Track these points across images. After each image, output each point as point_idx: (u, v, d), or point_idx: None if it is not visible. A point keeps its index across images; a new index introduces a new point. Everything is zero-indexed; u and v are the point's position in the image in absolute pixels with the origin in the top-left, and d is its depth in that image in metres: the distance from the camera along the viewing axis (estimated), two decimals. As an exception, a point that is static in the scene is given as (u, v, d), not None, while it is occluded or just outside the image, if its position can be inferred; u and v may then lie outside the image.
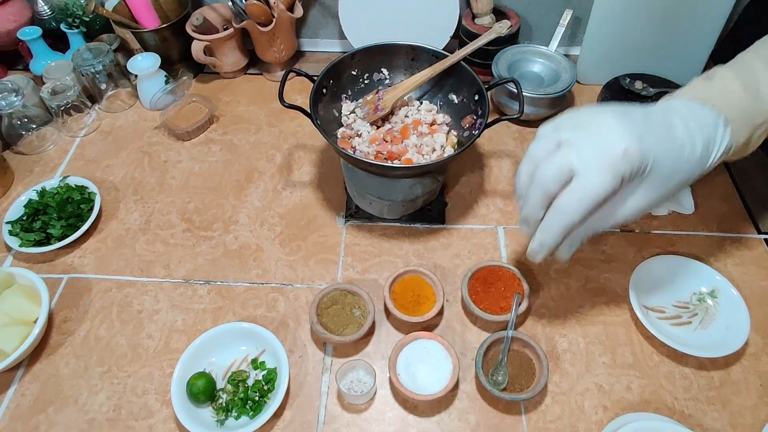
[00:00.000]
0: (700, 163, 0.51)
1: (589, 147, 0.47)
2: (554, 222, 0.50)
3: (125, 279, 0.76)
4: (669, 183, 0.51)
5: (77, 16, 0.95)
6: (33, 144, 0.92)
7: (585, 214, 0.48)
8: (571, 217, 0.48)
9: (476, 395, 0.64)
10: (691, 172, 0.51)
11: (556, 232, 0.50)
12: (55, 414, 0.64)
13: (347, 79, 0.80)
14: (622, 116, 0.48)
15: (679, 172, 0.50)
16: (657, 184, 0.50)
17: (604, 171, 0.46)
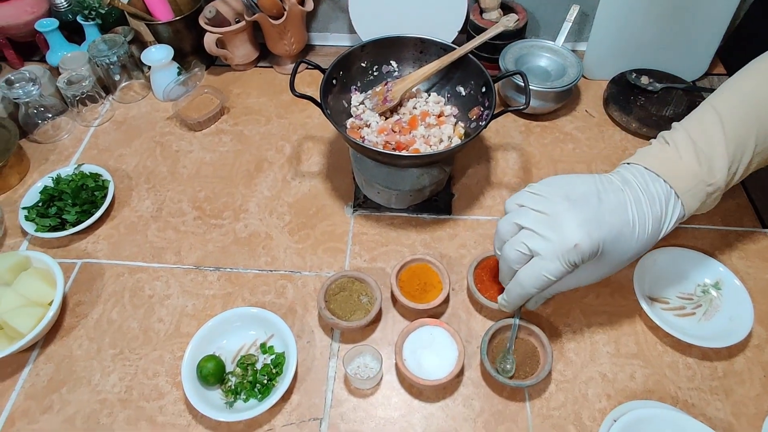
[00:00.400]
0: (652, 237, 0.57)
1: (545, 236, 0.54)
2: (515, 290, 0.59)
3: (137, 264, 0.77)
4: (621, 259, 0.58)
5: (93, 8, 0.97)
6: (48, 133, 0.94)
7: (540, 288, 0.57)
8: (528, 290, 0.57)
9: (481, 382, 0.65)
10: (644, 247, 0.58)
11: (516, 298, 0.60)
12: (69, 393, 0.66)
13: (357, 70, 0.81)
14: (577, 208, 0.54)
15: (630, 250, 0.57)
16: (609, 262, 0.58)
17: (557, 259, 0.54)
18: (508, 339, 0.66)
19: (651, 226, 0.56)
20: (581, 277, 0.59)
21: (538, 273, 0.55)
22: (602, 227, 0.54)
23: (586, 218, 0.54)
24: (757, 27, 0.94)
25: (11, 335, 0.67)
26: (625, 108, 0.90)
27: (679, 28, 0.91)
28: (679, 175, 0.57)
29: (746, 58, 0.65)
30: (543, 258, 0.55)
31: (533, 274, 0.56)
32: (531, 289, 0.57)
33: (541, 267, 0.55)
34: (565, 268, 0.54)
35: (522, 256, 0.56)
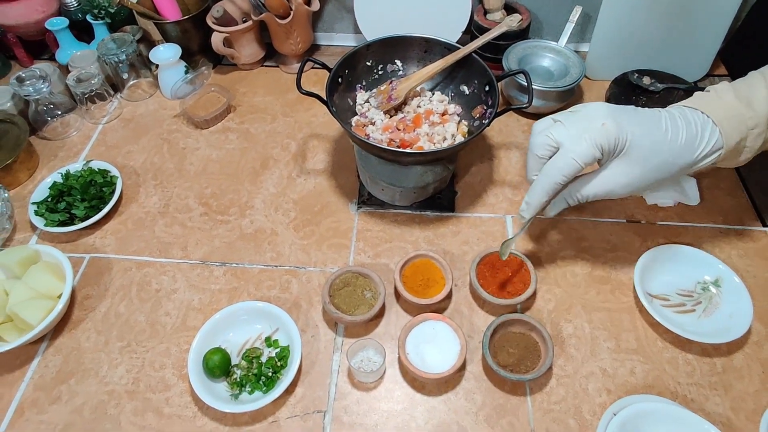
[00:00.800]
0: (684, 151, 0.57)
1: (574, 124, 0.56)
2: (540, 183, 0.58)
3: (144, 259, 0.79)
4: (648, 162, 0.56)
5: (103, 8, 0.99)
6: (57, 130, 0.96)
7: (567, 177, 0.56)
8: (554, 179, 0.56)
9: (483, 376, 0.66)
10: (674, 158, 0.57)
11: (540, 192, 0.58)
12: (77, 385, 0.67)
13: (362, 69, 0.82)
14: (610, 105, 0.56)
15: (659, 153, 0.56)
16: (637, 160, 0.56)
17: (584, 141, 0.54)
18: (509, 334, 0.67)
19: (684, 137, 0.56)
20: (611, 179, 0.58)
21: (566, 157, 0.55)
22: (632, 119, 0.55)
23: (616, 109, 0.56)
24: (758, 28, 0.95)
25: (21, 327, 0.68)
26: (627, 107, 0.91)
27: (680, 30, 0.92)
28: (717, 108, 0.58)
29: (748, 60, 0.66)
30: (571, 142, 0.55)
31: (561, 160, 0.56)
32: (557, 177, 0.56)
33: (569, 150, 0.55)
34: (592, 150, 0.54)
35: (549, 141, 0.57)
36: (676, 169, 0.57)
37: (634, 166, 0.57)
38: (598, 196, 0.59)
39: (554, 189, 0.58)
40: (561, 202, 0.61)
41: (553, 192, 0.58)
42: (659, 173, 0.57)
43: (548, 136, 0.57)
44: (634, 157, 0.56)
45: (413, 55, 0.83)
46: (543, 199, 0.59)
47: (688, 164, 0.57)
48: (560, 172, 0.56)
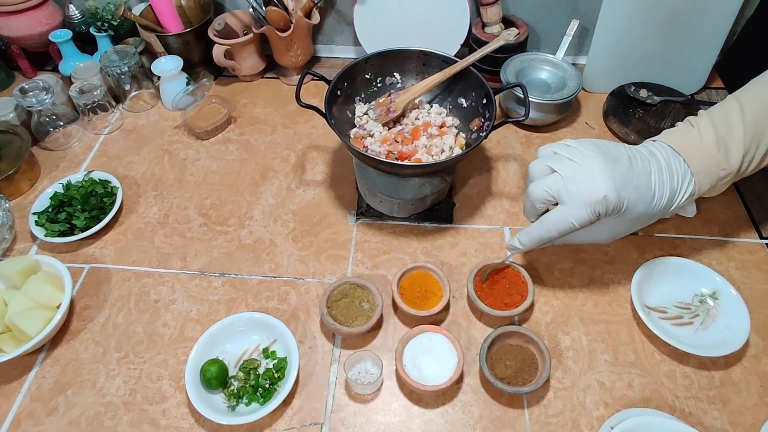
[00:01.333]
0: (665, 208, 0.62)
1: (576, 184, 0.58)
2: (536, 231, 0.62)
3: (143, 270, 0.79)
4: (636, 222, 0.63)
5: (106, 20, 1.00)
6: (59, 141, 0.96)
7: (562, 234, 0.60)
8: (550, 233, 0.61)
9: (480, 388, 0.66)
10: (656, 215, 0.63)
11: (535, 239, 0.63)
12: (74, 396, 0.67)
13: (361, 82, 0.83)
14: (609, 164, 0.58)
15: (645, 215, 0.62)
16: (626, 221, 0.62)
17: (584, 207, 0.57)
18: (507, 346, 0.67)
19: (667, 197, 0.61)
20: (597, 230, 0.63)
21: (565, 218, 0.58)
22: (628, 187, 0.58)
23: (616, 175, 0.57)
24: (754, 41, 0.96)
25: (19, 337, 0.68)
26: (624, 120, 0.92)
27: (677, 43, 0.93)
28: (697, 156, 0.61)
29: (743, 73, 0.67)
30: (570, 205, 0.58)
31: (559, 219, 0.59)
32: (554, 233, 0.60)
33: (568, 213, 0.58)
34: (590, 216, 0.57)
35: (547, 197, 0.59)
36: (654, 220, 0.65)
37: (623, 224, 0.63)
38: (583, 243, 0.67)
39: (549, 240, 0.62)
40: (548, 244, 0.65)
41: (546, 242, 0.63)
42: (640, 225, 0.65)
43: (547, 191, 0.59)
44: (626, 219, 0.61)
45: (411, 68, 0.83)
46: (535, 245, 0.64)
47: (666, 211, 0.63)
48: (557, 229, 0.60)
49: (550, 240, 0.62)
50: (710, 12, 0.88)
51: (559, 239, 0.63)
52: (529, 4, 1.01)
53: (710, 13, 0.88)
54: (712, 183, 0.62)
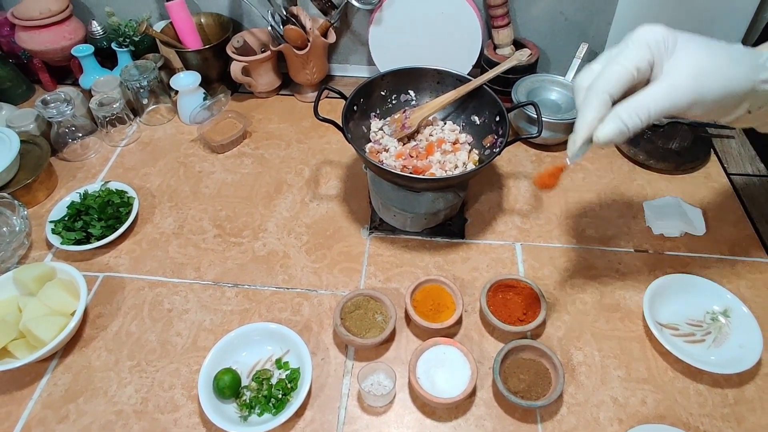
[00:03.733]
0: (746, 54, 0.49)
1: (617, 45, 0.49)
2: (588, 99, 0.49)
3: (157, 279, 0.79)
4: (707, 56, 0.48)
5: (128, 36, 1.03)
6: (77, 152, 0.98)
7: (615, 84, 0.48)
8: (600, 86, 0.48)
9: (493, 402, 0.65)
10: (736, 58, 0.48)
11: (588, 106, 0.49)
12: (85, 404, 0.66)
13: (377, 98, 0.85)
14: None
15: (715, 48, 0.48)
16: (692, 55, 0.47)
17: (629, 43, 0.48)
18: (520, 360, 0.67)
19: (740, 46, 0.50)
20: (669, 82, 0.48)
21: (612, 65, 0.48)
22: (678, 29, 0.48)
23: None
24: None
25: (33, 343, 0.68)
26: (633, 141, 0.93)
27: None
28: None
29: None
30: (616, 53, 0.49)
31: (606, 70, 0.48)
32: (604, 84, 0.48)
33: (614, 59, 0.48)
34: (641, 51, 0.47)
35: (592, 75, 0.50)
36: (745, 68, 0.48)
37: (691, 56, 0.48)
38: (657, 102, 0.48)
39: (600, 101, 0.48)
40: (613, 121, 0.48)
41: (600, 105, 0.48)
42: (727, 68, 0.48)
43: (589, 68, 0.51)
44: (692, 47, 0.48)
45: (426, 86, 0.86)
46: (590, 115, 0.49)
47: (754, 66, 0.49)
48: (605, 80, 0.48)
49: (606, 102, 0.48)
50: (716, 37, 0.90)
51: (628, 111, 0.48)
52: (539, 28, 1.04)
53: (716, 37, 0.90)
54: None
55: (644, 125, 0.48)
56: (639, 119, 0.48)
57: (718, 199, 0.88)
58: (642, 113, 0.47)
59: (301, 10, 1.01)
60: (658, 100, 0.47)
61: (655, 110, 0.47)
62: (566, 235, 0.83)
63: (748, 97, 0.50)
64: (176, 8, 0.99)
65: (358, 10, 1.04)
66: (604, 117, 0.49)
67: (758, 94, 0.50)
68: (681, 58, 0.48)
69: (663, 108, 0.48)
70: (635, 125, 0.48)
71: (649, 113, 0.47)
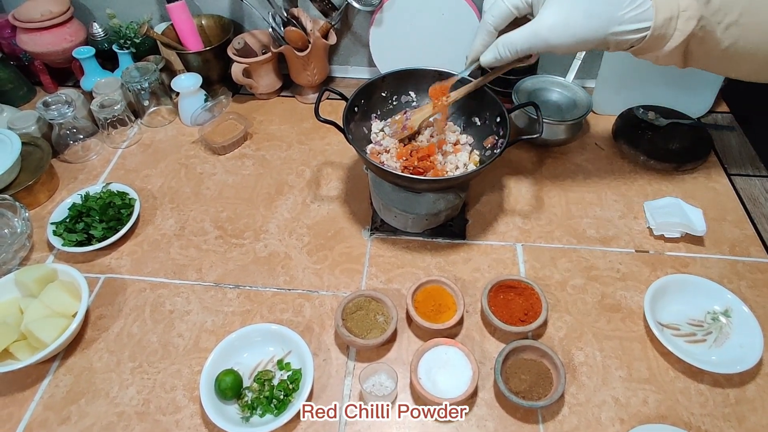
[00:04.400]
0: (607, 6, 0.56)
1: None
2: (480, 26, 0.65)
3: (159, 281, 0.79)
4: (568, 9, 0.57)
5: (129, 38, 1.03)
6: (78, 153, 0.98)
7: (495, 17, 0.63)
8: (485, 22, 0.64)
9: (494, 403, 0.65)
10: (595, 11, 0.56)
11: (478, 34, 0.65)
12: (87, 405, 0.66)
13: (377, 99, 0.85)
14: None
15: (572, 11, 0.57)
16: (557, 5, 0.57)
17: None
18: (521, 360, 0.67)
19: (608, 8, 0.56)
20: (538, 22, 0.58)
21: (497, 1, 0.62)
22: None
23: None
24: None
25: (34, 345, 0.68)
26: (633, 141, 0.94)
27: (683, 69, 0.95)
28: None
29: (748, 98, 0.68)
30: None
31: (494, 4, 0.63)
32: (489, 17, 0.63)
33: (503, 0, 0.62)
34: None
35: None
36: (600, 20, 0.56)
37: (554, 8, 0.58)
38: (522, 41, 0.60)
39: (485, 31, 0.64)
40: (492, 51, 0.64)
41: (485, 34, 0.64)
42: (580, 18, 0.57)
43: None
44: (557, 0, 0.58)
45: (426, 87, 0.85)
46: (477, 42, 0.65)
47: (612, 18, 0.56)
48: (490, 14, 0.62)
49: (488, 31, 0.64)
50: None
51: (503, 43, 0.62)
52: (538, 29, 1.04)
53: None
54: (672, 12, 0.56)
55: (514, 57, 0.62)
56: (509, 53, 0.62)
57: (719, 199, 0.88)
58: (511, 48, 0.61)
59: (302, 11, 1.02)
60: (522, 42, 0.60)
61: (521, 49, 0.61)
62: (567, 236, 0.83)
63: (600, 45, 0.60)
64: (177, 10, 0.99)
65: (358, 12, 1.04)
66: (489, 44, 0.64)
67: (610, 43, 0.59)
68: (547, 8, 0.58)
69: (525, 49, 0.60)
70: (506, 57, 0.62)
71: (516, 50, 0.61)
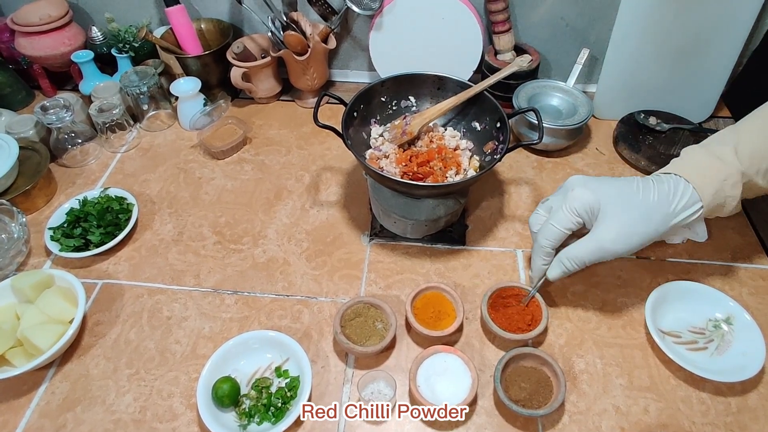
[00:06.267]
0: (659, 204, 0.62)
1: (556, 197, 0.68)
2: (534, 249, 0.69)
3: (156, 286, 0.79)
4: (625, 216, 0.62)
5: (127, 42, 1.03)
6: (76, 158, 0.98)
7: (550, 240, 0.66)
8: (540, 243, 0.67)
9: (494, 411, 0.65)
10: (650, 210, 0.62)
11: (534, 257, 0.69)
12: (83, 413, 0.66)
13: (377, 104, 0.85)
14: (586, 177, 0.66)
15: (634, 207, 0.63)
16: (614, 216, 0.62)
17: (561, 209, 0.65)
18: (521, 368, 0.66)
19: (657, 193, 0.63)
20: (596, 237, 0.63)
21: (548, 224, 0.65)
22: (603, 184, 0.64)
23: (590, 179, 0.65)
24: (759, 73, 0.98)
25: (30, 352, 0.68)
26: (634, 146, 0.93)
27: (685, 73, 0.95)
28: (687, 167, 0.65)
29: (750, 102, 0.68)
30: (552, 213, 0.66)
31: (545, 227, 0.66)
32: (543, 241, 0.66)
33: (549, 220, 0.66)
34: (569, 216, 0.64)
35: (539, 220, 0.68)
36: (656, 222, 0.62)
37: (613, 221, 0.62)
38: (589, 255, 0.64)
39: (544, 252, 0.67)
40: (558, 266, 0.67)
41: (544, 255, 0.67)
42: (639, 226, 0.62)
43: (537, 212, 0.69)
44: (610, 213, 0.62)
45: (426, 92, 0.85)
46: (538, 262, 0.69)
47: (666, 215, 0.63)
48: (544, 237, 0.66)
49: (546, 252, 0.67)
50: (717, 44, 0.90)
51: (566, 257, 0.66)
52: (540, 33, 1.04)
53: (717, 45, 0.91)
54: (715, 186, 0.63)
55: (581, 268, 0.66)
56: (576, 265, 0.65)
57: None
58: (578, 262, 0.65)
59: (302, 15, 1.01)
60: (589, 254, 0.64)
61: (589, 261, 0.64)
62: (567, 242, 0.83)
63: (664, 237, 0.65)
64: (176, 14, 0.99)
65: (358, 16, 1.04)
66: (550, 261, 0.68)
67: (672, 231, 0.65)
68: (604, 224, 0.63)
69: (593, 260, 0.64)
70: (574, 269, 0.66)
71: (583, 262, 0.65)
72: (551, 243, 0.66)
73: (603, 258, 0.64)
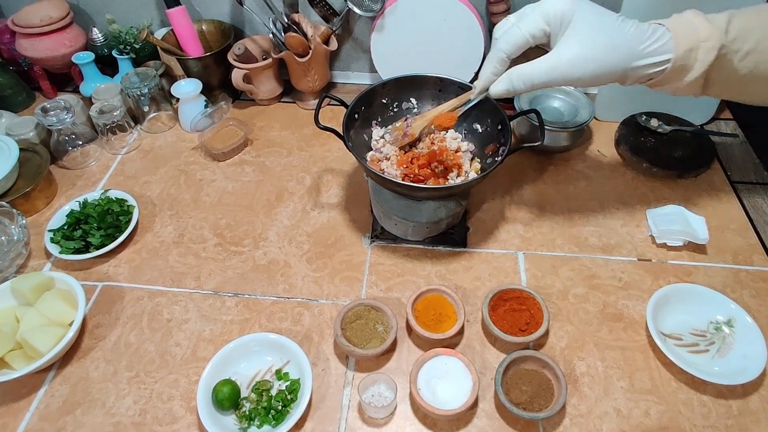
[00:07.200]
0: (631, 40, 0.56)
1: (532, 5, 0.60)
2: (490, 54, 0.62)
3: (157, 289, 0.79)
4: (594, 40, 0.56)
5: (128, 44, 1.03)
6: (77, 160, 0.98)
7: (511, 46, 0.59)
8: (500, 45, 0.60)
9: (495, 414, 0.65)
10: (620, 43, 0.56)
11: (488, 64, 0.62)
12: (83, 416, 0.66)
13: (378, 106, 0.85)
14: None
15: (606, 32, 0.56)
16: (582, 34, 0.56)
17: (533, 12, 0.58)
18: (522, 371, 0.66)
19: (633, 29, 0.57)
20: (555, 56, 0.57)
21: (513, 27, 0.59)
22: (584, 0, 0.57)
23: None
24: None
25: (30, 354, 0.68)
26: (636, 148, 0.93)
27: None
28: (673, 19, 0.59)
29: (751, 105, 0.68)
30: (520, 17, 0.60)
31: (509, 31, 0.60)
32: (503, 44, 0.60)
33: (517, 22, 0.59)
34: (539, 21, 0.58)
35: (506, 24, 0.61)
36: (620, 55, 0.56)
37: (577, 40, 0.56)
38: (540, 75, 0.58)
39: (498, 59, 0.61)
40: (505, 81, 0.61)
41: (497, 62, 0.61)
42: (602, 53, 0.56)
43: (507, 20, 0.61)
44: (579, 29, 0.56)
45: (428, 94, 0.85)
46: (488, 70, 0.62)
47: (632, 52, 0.57)
48: (504, 41, 0.59)
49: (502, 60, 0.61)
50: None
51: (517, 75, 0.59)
52: (540, 35, 1.03)
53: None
54: (692, 42, 0.57)
55: (528, 90, 0.60)
56: (524, 85, 0.59)
57: (722, 207, 0.87)
58: (527, 81, 0.59)
59: (303, 17, 1.01)
60: (540, 75, 0.58)
61: (538, 82, 0.58)
62: (569, 244, 0.83)
63: (618, 79, 0.59)
64: (177, 15, 0.99)
65: (359, 17, 1.04)
66: (501, 72, 0.61)
67: (629, 76, 0.59)
68: (568, 40, 0.57)
69: (543, 82, 0.58)
70: (521, 89, 0.60)
71: (532, 83, 0.59)
72: (510, 49, 0.59)
73: (553, 81, 0.58)
